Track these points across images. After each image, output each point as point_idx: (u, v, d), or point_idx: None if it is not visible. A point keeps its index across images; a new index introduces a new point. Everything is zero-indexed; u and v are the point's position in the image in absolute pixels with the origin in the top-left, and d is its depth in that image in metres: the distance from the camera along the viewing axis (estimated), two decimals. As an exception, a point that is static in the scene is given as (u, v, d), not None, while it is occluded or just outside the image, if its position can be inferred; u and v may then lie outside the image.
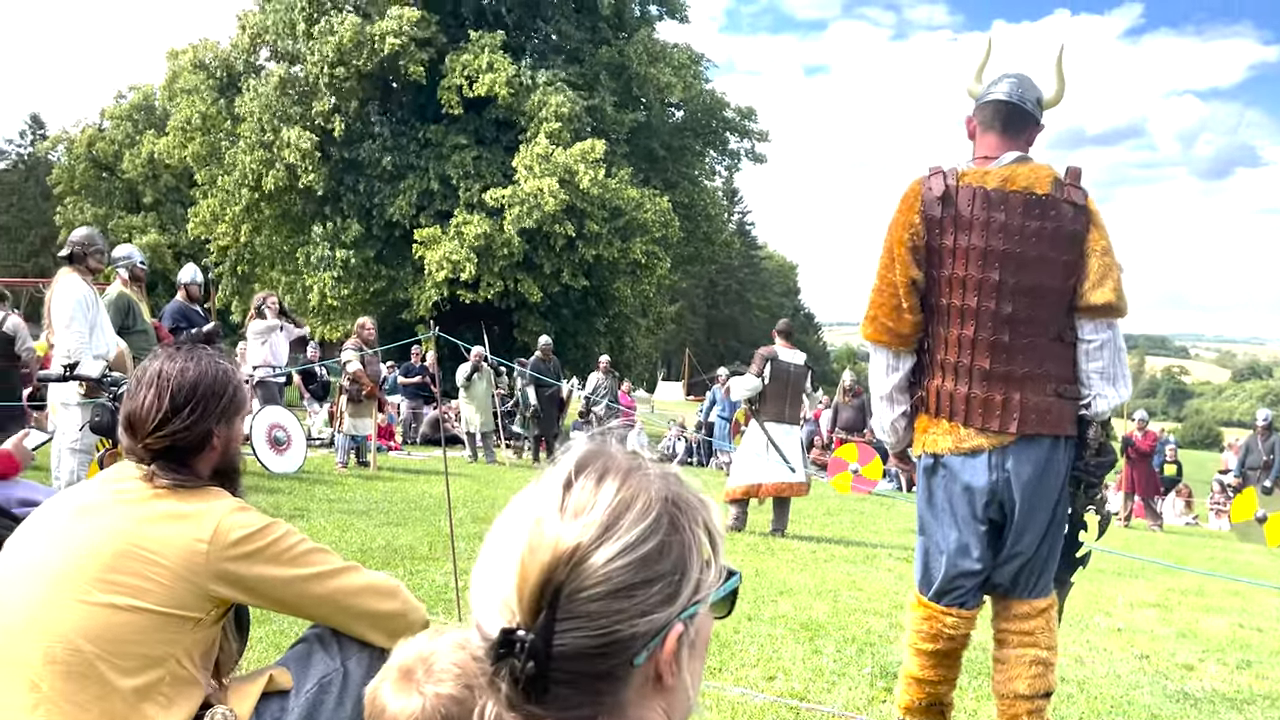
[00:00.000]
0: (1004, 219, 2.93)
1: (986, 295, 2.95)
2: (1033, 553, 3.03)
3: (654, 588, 0.81)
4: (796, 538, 8.26)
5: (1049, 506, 3.02)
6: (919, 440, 3.16)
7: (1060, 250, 2.93)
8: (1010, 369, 2.98)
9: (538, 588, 0.80)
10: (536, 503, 0.84)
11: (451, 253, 23.82)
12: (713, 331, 65.89)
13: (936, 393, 3.10)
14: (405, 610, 1.96)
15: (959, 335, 3.03)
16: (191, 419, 1.83)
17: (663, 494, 0.85)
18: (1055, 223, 2.93)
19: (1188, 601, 6.81)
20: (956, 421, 3.04)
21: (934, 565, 3.13)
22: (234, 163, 26.58)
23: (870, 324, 3.15)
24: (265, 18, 26.93)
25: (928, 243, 3.02)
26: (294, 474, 9.49)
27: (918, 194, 3.03)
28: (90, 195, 39.91)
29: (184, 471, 1.82)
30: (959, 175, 3.02)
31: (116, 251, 7.55)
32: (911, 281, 3.04)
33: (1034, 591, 3.06)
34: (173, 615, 1.70)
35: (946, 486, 3.08)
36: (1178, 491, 15.91)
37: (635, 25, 28.72)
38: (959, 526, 3.06)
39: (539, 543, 0.81)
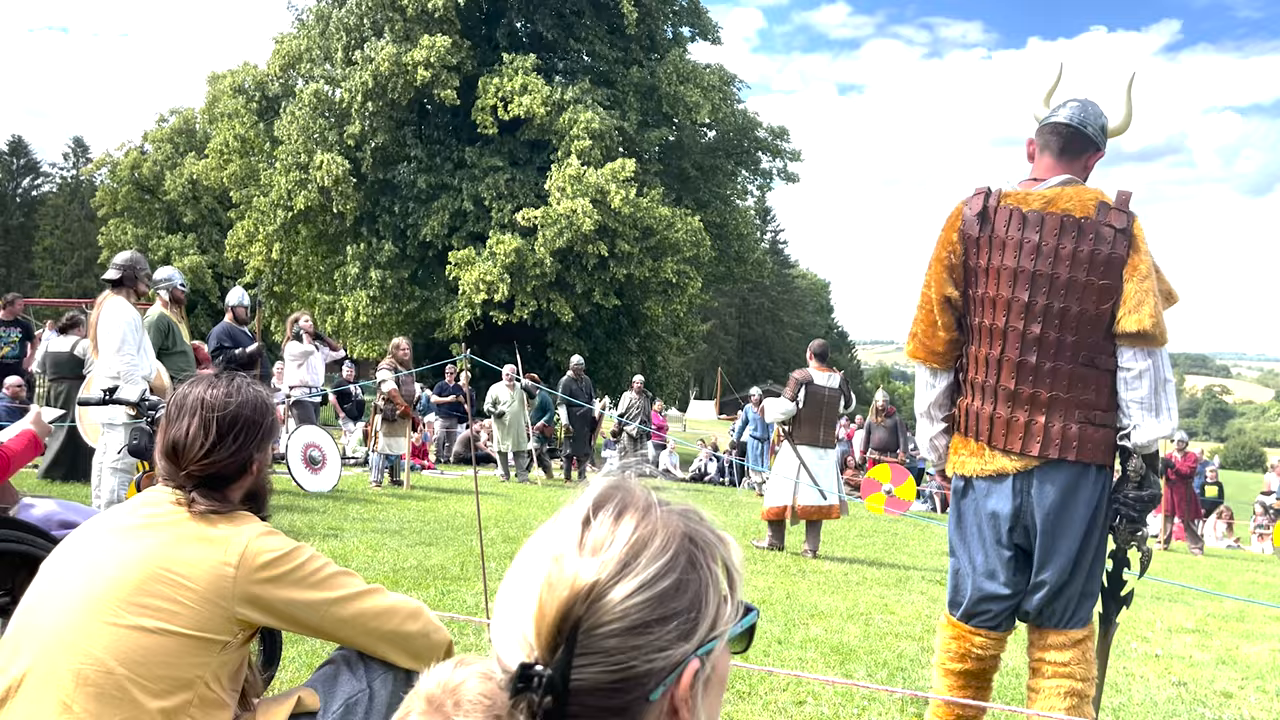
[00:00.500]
0: (1038, 240, 2.91)
1: (1015, 315, 2.95)
2: (1062, 582, 2.97)
3: (670, 624, 0.82)
4: (828, 559, 8.22)
5: (1076, 535, 2.96)
6: (951, 461, 3.17)
7: (1097, 274, 2.89)
8: (1036, 391, 2.95)
9: (555, 623, 0.81)
10: (556, 539, 0.86)
11: (485, 274, 24.02)
12: (745, 350, 65.77)
13: (965, 411, 3.12)
14: (428, 632, 1.99)
15: (987, 355, 3.03)
16: (235, 447, 1.88)
17: (680, 531, 0.86)
18: (1092, 246, 2.89)
19: (1228, 627, 6.69)
20: (981, 441, 3.04)
21: (963, 587, 3.13)
22: (270, 184, 27.02)
23: (911, 340, 3.22)
24: (301, 41, 27.40)
25: (964, 261, 3.04)
26: (328, 493, 9.58)
27: (959, 213, 3.06)
28: (132, 217, 40.70)
29: (219, 497, 1.87)
30: (1001, 196, 3.02)
31: (157, 274, 7.71)
32: (945, 299, 3.06)
33: (1069, 622, 3.01)
34: (201, 638, 1.74)
35: (974, 509, 3.09)
36: (1219, 513, 15.64)
37: (667, 46, 28.89)
38: (985, 550, 3.06)
39: (558, 579, 0.82)
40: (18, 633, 1.77)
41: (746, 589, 3.51)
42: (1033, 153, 3.13)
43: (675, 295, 26.58)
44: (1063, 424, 2.95)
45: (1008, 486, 3.00)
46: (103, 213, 41.42)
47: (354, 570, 2.01)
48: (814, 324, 73.40)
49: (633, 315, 27.44)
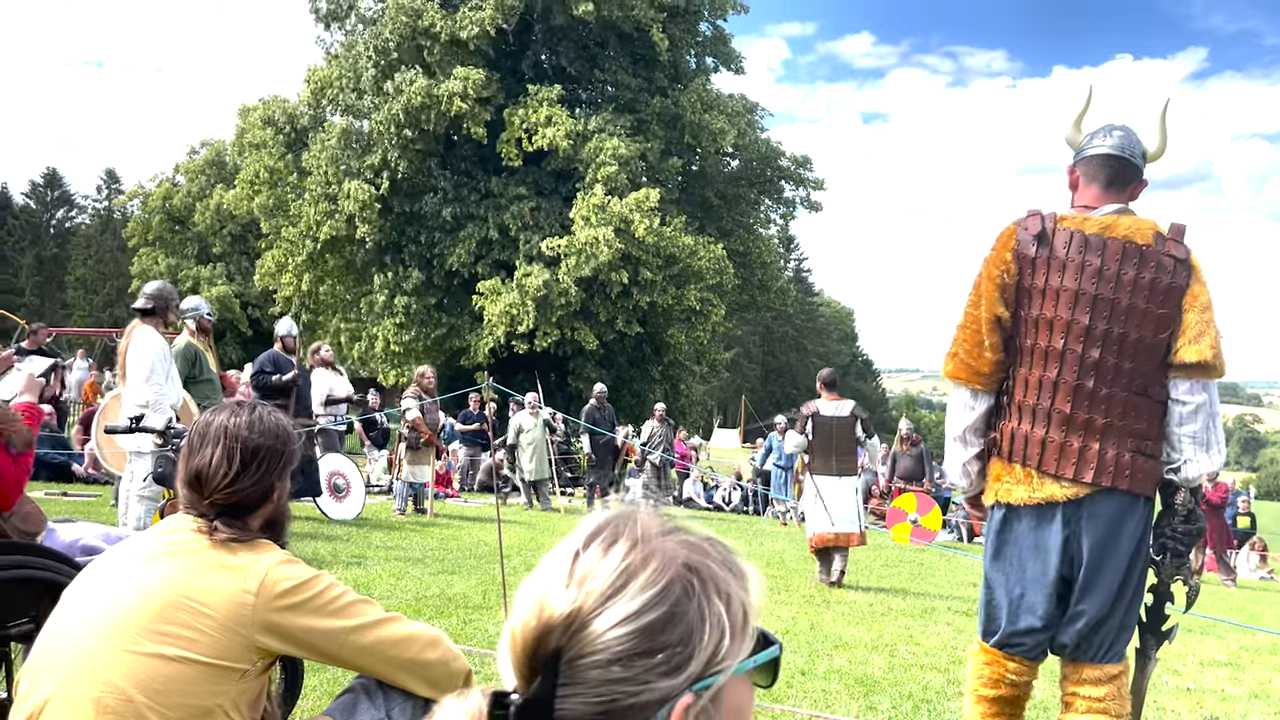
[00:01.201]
0: (1100, 264, 2.86)
1: (1074, 338, 2.88)
2: (1102, 615, 2.90)
3: (657, 657, 0.81)
4: (853, 589, 8.14)
5: (1120, 567, 2.89)
6: (991, 488, 3.06)
7: (1156, 302, 2.85)
8: (1092, 416, 2.88)
9: (529, 652, 0.82)
10: (548, 569, 0.86)
11: (511, 305, 24.15)
12: (769, 378, 65.62)
13: (1011, 436, 3.00)
14: (447, 660, 1.98)
15: (1040, 377, 2.94)
16: (258, 476, 1.90)
17: (679, 561, 0.84)
18: (1154, 274, 2.85)
19: (1261, 660, 6.56)
20: (1030, 467, 2.94)
21: (997, 617, 3.05)
22: (299, 214, 27.35)
23: (951, 360, 3.10)
24: (332, 72, 27.80)
25: (1019, 281, 2.95)
26: (352, 521, 9.61)
27: (1013, 233, 2.99)
28: (163, 247, 41.31)
29: (240, 525, 1.88)
30: (1057, 219, 2.97)
31: (185, 303, 7.81)
32: (996, 318, 2.98)
33: (1106, 656, 2.92)
34: (220, 666, 1.74)
35: (1017, 540, 2.98)
36: (1251, 545, 15.37)
37: (690, 76, 29.10)
38: (1026, 582, 2.96)
39: (537, 609, 0.82)
40: (40, 659, 1.78)
41: (769, 619, 3.52)
42: (1075, 181, 3.09)
43: (698, 323, 26.61)
44: (1116, 452, 2.87)
45: (1057, 516, 2.91)
46: (134, 243, 42.09)
47: (376, 599, 2.01)
48: (838, 352, 73.19)
49: (656, 343, 27.47)
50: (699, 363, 29.99)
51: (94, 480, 11.24)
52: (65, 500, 9.50)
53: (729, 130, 27.13)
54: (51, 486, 10.51)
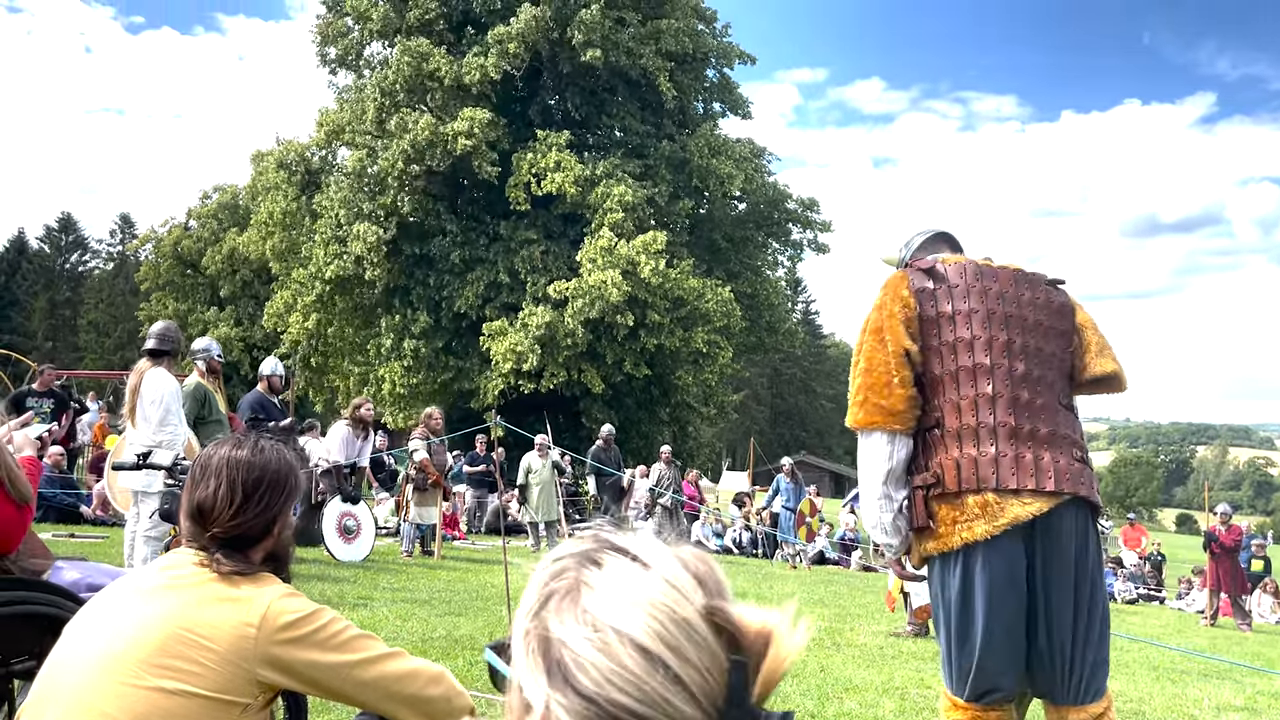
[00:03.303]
0: (998, 286, 2.94)
1: (998, 353, 2.85)
2: (1078, 645, 2.73)
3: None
4: (863, 632, 8.06)
5: (1088, 583, 2.75)
6: (941, 536, 2.80)
7: (1054, 319, 2.94)
8: (1035, 426, 2.82)
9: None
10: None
11: (516, 344, 24.23)
12: (778, 421, 65.51)
13: (956, 465, 2.79)
14: (450, 696, 1.96)
15: (974, 397, 2.82)
16: (260, 508, 1.90)
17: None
18: (1045, 295, 2.97)
19: (1278, 705, 6.45)
20: (986, 492, 2.73)
21: (965, 667, 2.80)
22: (309, 256, 27.56)
23: (859, 409, 2.92)
24: (343, 114, 28.18)
25: (920, 313, 2.92)
26: (359, 563, 9.57)
27: (903, 276, 3.00)
28: (174, 291, 41.66)
29: (242, 558, 1.88)
30: (943, 260, 3.04)
31: (195, 344, 7.86)
32: (905, 352, 2.88)
33: (1087, 695, 2.73)
34: (220, 700, 1.73)
35: (985, 580, 2.74)
36: (1263, 587, 15.19)
37: (698, 121, 29.39)
38: (1000, 624, 2.74)
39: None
40: (41, 694, 1.78)
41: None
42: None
43: (706, 365, 26.60)
44: (1066, 460, 2.80)
45: (1019, 538, 2.73)
46: (145, 287, 42.45)
47: (381, 639, 2.00)
48: (847, 394, 72.99)
49: (664, 385, 27.47)
50: (707, 405, 29.94)
51: (102, 522, 11.24)
52: (73, 542, 9.50)
53: (737, 174, 27.32)
54: (60, 528, 10.50)
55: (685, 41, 27.32)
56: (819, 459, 57.42)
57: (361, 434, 10.34)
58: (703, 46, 28.47)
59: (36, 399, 11.80)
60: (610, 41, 25.74)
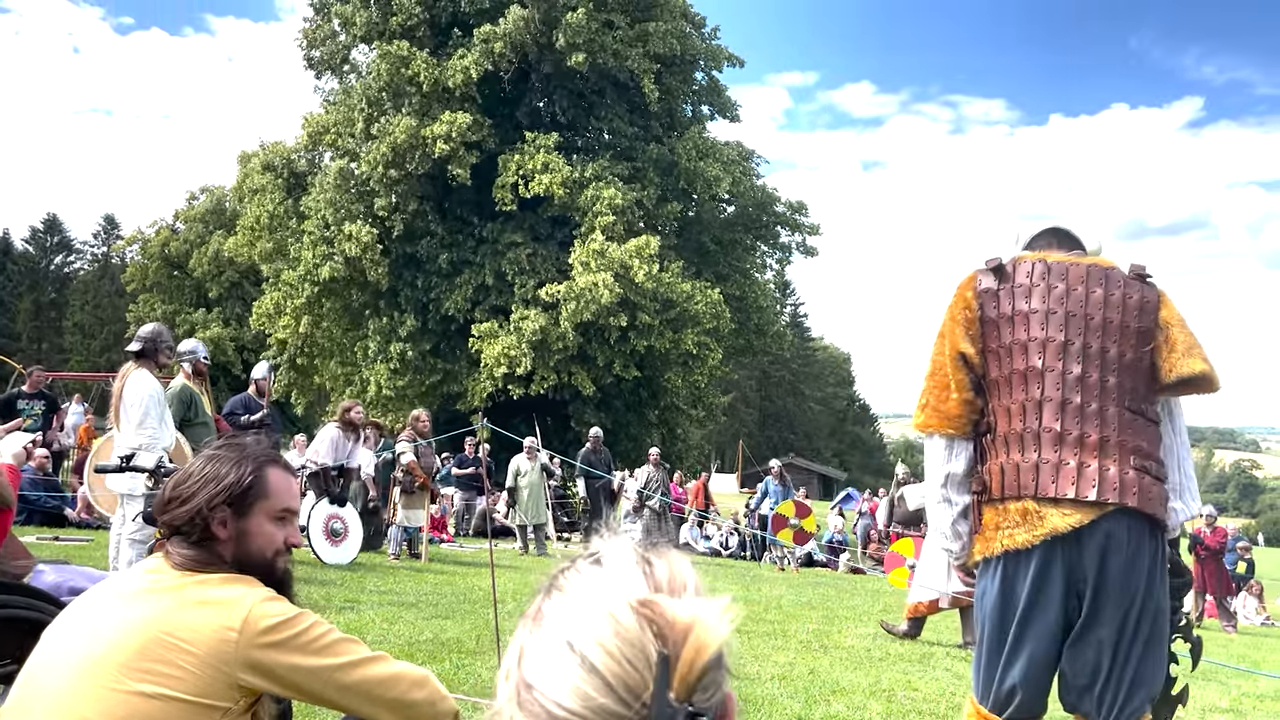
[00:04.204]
0: (1065, 286, 2.76)
1: (1052, 356, 2.71)
2: (1113, 662, 2.62)
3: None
4: (852, 634, 8.06)
5: (1131, 604, 2.60)
6: (987, 542, 2.76)
7: (1131, 317, 2.71)
8: (1085, 432, 2.67)
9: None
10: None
11: (509, 348, 24.20)
12: (766, 423, 65.59)
13: (1001, 471, 2.75)
14: (434, 700, 1.95)
15: (1024, 401, 2.74)
16: (179, 499, 1.88)
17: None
18: (1122, 290, 2.74)
19: (1264, 707, 6.48)
20: (1026, 499, 2.67)
21: (994, 676, 2.75)
22: (298, 258, 27.48)
23: (920, 412, 2.93)
24: (328, 117, 28.13)
25: (982, 315, 2.82)
26: (346, 565, 9.53)
27: (973, 276, 2.90)
28: (161, 293, 41.52)
29: (196, 552, 1.86)
30: (1017, 259, 2.89)
31: (181, 346, 7.81)
32: (960, 355, 2.83)
33: (1121, 713, 2.62)
34: (201, 704, 1.72)
35: (1022, 591, 2.69)
36: (1248, 589, 15.27)
37: (686, 124, 29.44)
38: (1033, 637, 2.68)
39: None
40: (21, 698, 1.76)
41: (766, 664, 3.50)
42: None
43: (695, 367, 26.64)
44: (1118, 468, 2.63)
45: (1058, 552, 2.64)
46: (132, 288, 42.30)
47: (368, 644, 1.98)
48: (835, 396, 73.24)
49: (653, 387, 27.48)
50: (696, 407, 29.98)
51: (87, 525, 11.16)
52: (57, 545, 9.43)
53: (725, 177, 27.39)
54: (44, 531, 10.43)
55: (673, 44, 27.36)
56: (807, 461, 57.53)
57: (352, 437, 10.31)
58: (691, 49, 28.52)
59: (27, 401, 11.72)
60: (598, 44, 25.76)
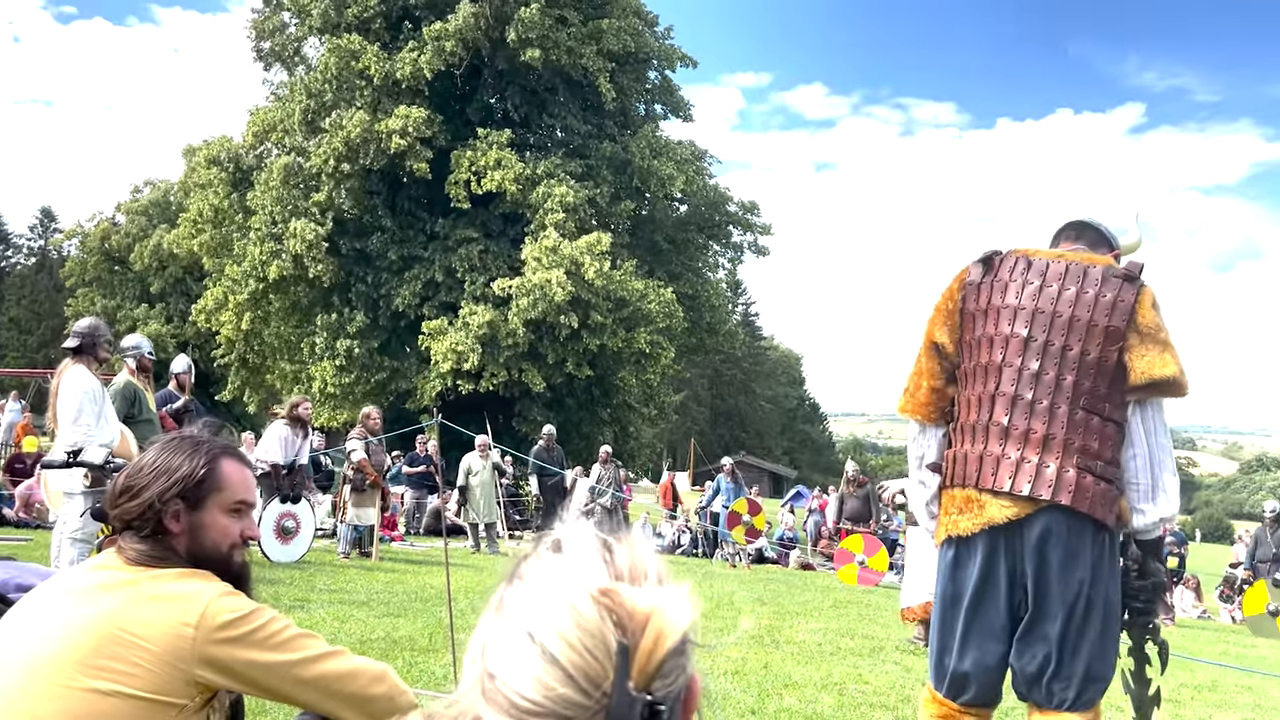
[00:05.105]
0: (1041, 282, 2.81)
1: (1013, 352, 2.78)
2: (1059, 654, 2.68)
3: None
4: (803, 629, 8.14)
5: (1072, 599, 2.67)
6: (942, 524, 2.88)
7: (1101, 316, 2.71)
8: (1031, 427, 2.72)
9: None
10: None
11: (457, 343, 24.01)
12: (718, 421, 65.84)
13: (953, 458, 2.87)
14: (393, 695, 1.93)
15: (980, 394, 2.83)
16: (131, 491, 1.84)
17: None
18: (1097, 289, 2.74)
19: (1200, 697, 6.67)
20: (969, 488, 2.77)
21: (947, 662, 2.84)
22: (243, 253, 27.02)
23: (900, 396, 3.05)
24: (275, 112, 27.68)
25: (962, 307, 2.91)
26: (295, 564, 9.41)
27: (966, 268, 2.98)
28: (101, 288, 40.57)
29: (149, 547, 1.83)
30: (1010, 251, 2.95)
31: (125, 341, 7.65)
32: (934, 344, 2.93)
33: (1073, 705, 2.69)
34: (156, 701, 1.69)
35: (966, 576, 2.79)
36: (1185, 583, 15.67)
37: (639, 123, 29.44)
38: (979, 624, 2.77)
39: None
40: None
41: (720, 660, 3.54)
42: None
43: (648, 366, 26.66)
44: (1058, 466, 2.68)
45: (999, 542, 2.73)
46: (71, 283, 41.29)
47: (322, 638, 1.96)
48: (786, 396, 73.75)
49: (605, 386, 27.46)
50: (648, 405, 30.01)
51: (25, 524, 10.90)
52: None
53: (678, 176, 27.43)
54: (-21, 531, 10.17)
55: (627, 41, 27.35)
56: (759, 459, 57.92)
57: (300, 433, 10.17)
58: (644, 48, 28.53)
59: None
60: (551, 40, 25.65)
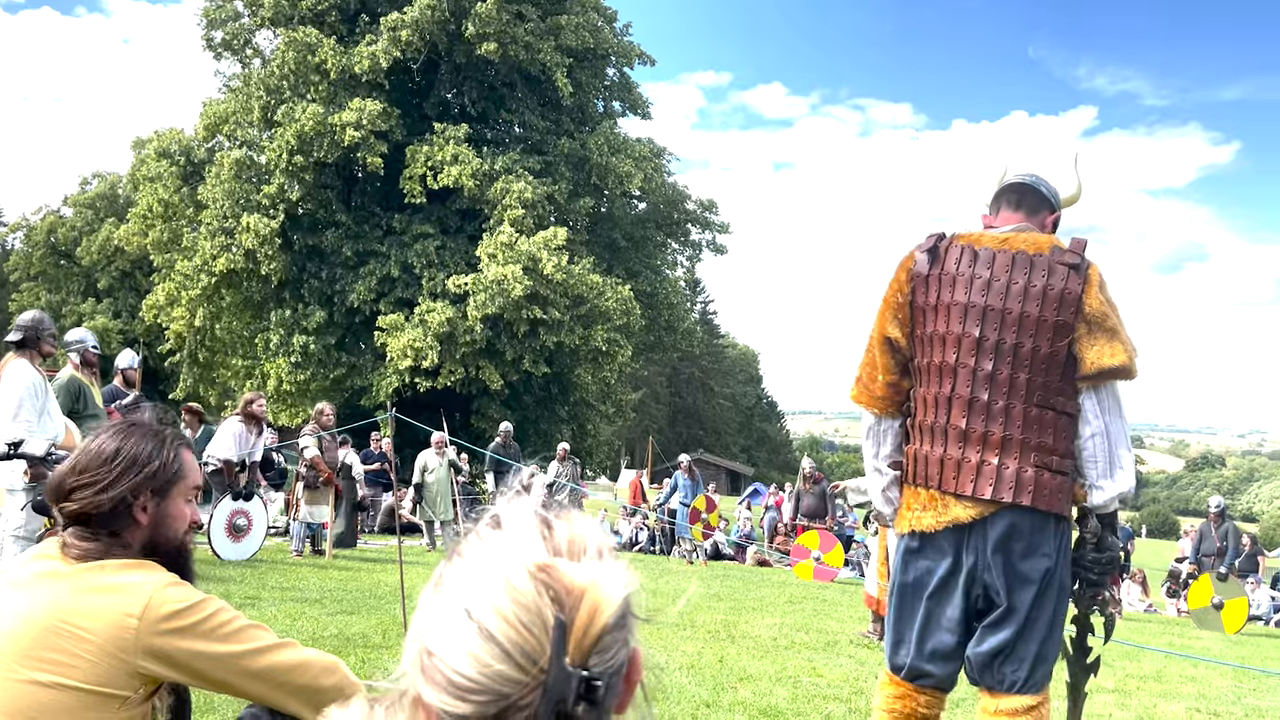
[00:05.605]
0: (989, 275, 2.80)
1: (966, 352, 2.80)
2: (1014, 642, 2.77)
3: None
4: (759, 623, 8.18)
5: (1033, 592, 2.76)
6: (904, 517, 2.96)
7: (1050, 310, 2.74)
8: (989, 430, 2.78)
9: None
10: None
11: (415, 340, 23.81)
12: (676, 419, 65.95)
13: (914, 457, 2.93)
14: (343, 687, 1.90)
15: (936, 394, 2.86)
16: (105, 482, 1.79)
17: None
18: (1045, 280, 2.75)
19: (1146, 687, 6.80)
20: (932, 489, 2.85)
21: (906, 649, 2.93)
22: (194, 248, 26.58)
23: (854, 385, 3.07)
24: (228, 104, 27.25)
25: (912, 300, 2.91)
26: (246, 561, 9.28)
27: (911, 256, 2.96)
28: (47, 282, 39.73)
29: (94, 539, 1.78)
30: (954, 236, 2.94)
31: (69, 335, 7.48)
32: (887, 339, 2.94)
33: (1023, 686, 2.77)
34: (99, 693, 1.66)
35: (927, 568, 2.87)
36: (1132, 577, 15.98)
37: (598, 119, 29.40)
38: (937, 612, 2.86)
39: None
40: None
41: (675, 654, 3.54)
42: (988, 223, 3.05)
43: (605, 363, 26.63)
44: (1017, 466, 2.76)
45: (963, 539, 2.81)
46: (15, 277, 40.35)
47: (271, 629, 1.93)
48: (744, 394, 74.09)
49: (563, 383, 27.39)
50: (606, 403, 29.98)
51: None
52: None
53: (636, 173, 27.42)
54: (-82, 530, 9.89)
55: (585, 37, 27.28)
56: (716, 457, 58.15)
57: (255, 430, 10.01)
58: (603, 44, 28.48)
59: None
60: (508, 35, 25.51)
